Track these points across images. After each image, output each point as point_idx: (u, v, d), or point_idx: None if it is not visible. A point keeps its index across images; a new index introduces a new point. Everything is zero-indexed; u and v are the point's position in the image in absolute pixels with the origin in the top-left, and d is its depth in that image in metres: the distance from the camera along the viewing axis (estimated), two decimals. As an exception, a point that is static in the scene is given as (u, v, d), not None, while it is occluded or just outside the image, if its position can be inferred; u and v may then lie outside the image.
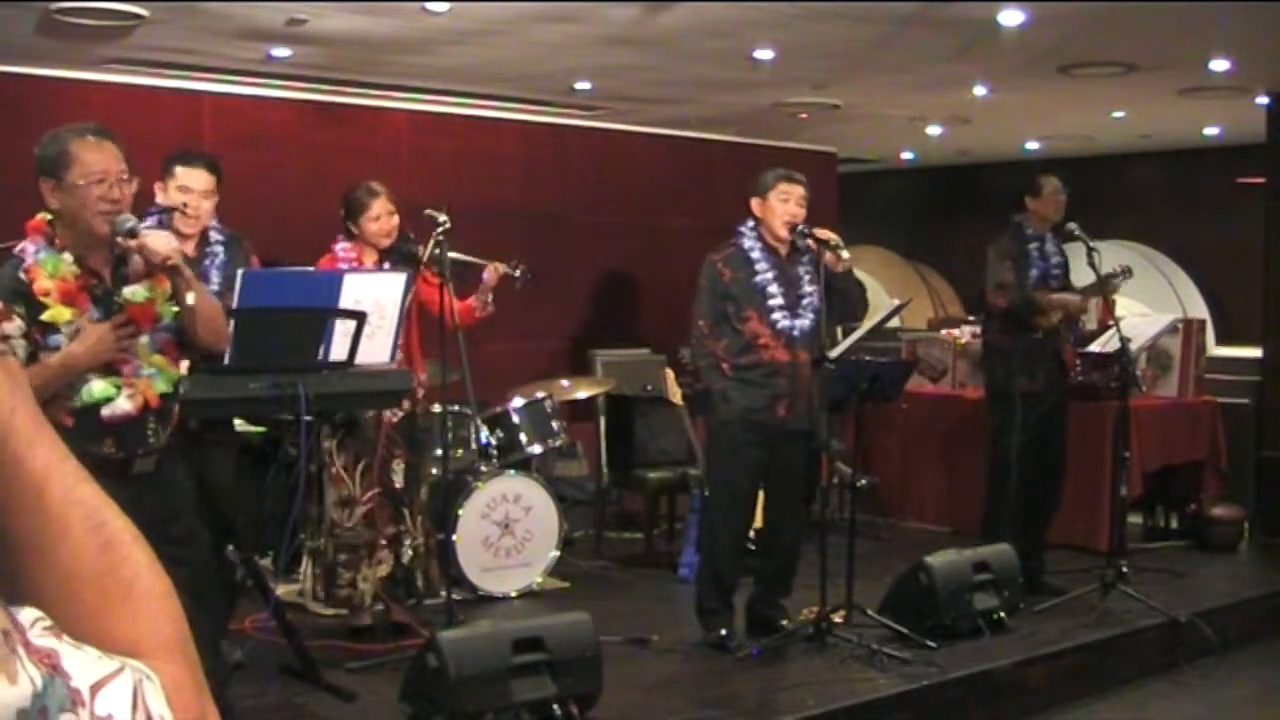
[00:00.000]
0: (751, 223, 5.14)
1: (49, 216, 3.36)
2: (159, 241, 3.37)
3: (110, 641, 0.83)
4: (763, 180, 5.12)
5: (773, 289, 5.03)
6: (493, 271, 5.41)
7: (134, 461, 3.40)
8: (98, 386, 3.30)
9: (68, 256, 3.32)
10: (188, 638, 0.89)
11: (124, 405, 3.33)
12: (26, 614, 0.78)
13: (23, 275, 3.28)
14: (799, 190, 5.07)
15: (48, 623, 0.79)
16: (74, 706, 0.76)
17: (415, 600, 5.24)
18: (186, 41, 6.25)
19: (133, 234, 3.32)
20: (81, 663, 0.78)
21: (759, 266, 5.05)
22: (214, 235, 4.68)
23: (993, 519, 6.10)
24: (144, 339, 3.39)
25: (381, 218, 5.08)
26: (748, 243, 5.10)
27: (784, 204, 5.05)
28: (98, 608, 0.85)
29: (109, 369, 3.33)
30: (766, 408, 5.01)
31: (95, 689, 0.78)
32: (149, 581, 0.88)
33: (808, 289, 5.09)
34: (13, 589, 0.83)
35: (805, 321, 5.05)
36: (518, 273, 5.50)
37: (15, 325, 3.19)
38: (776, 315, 5.01)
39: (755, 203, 5.11)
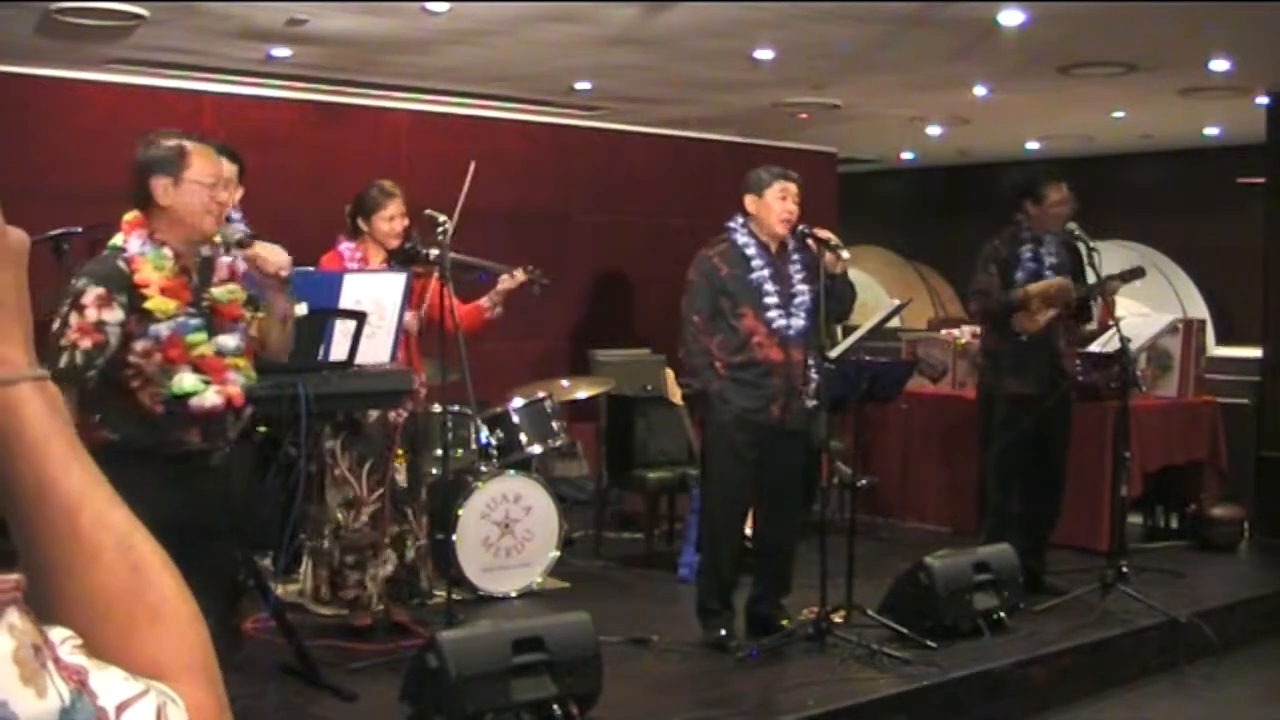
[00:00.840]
0: (741, 219, 5.12)
1: (139, 215, 3.49)
2: (272, 253, 3.60)
3: (136, 663, 0.84)
4: (758, 178, 5.11)
5: (768, 287, 5.02)
6: (513, 278, 5.44)
7: (213, 454, 3.56)
8: (189, 380, 3.43)
9: (168, 251, 3.46)
10: (213, 662, 0.90)
11: (212, 399, 3.46)
12: (57, 632, 0.79)
13: (123, 265, 3.40)
14: (795, 188, 5.07)
15: (78, 641, 0.80)
16: None
17: (420, 600, 5.25)
18: (187, 41, 6.25)
19: (243, 244, 3.56)
20: (107, 682, 0.79)
21: (755, 263, 5.04)
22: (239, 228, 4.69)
23: (987, 523, 6.09)
24: (231, 341, 3.54)
25: (395, 218, 5.11)
26: (741, 239, 5.09)
27: (782, 202, 5.04)
28: (125, 630, 0.86)
29: (196, 367, 3.48)
30: (762, 408, 5.00)
31: (120, 709, 0.79)
32: (176, 605, 0.89)
33: (800, 288, 5.08)
34: (42, 610, 0.84)
35: (799, 321, 5.04)
36: (536, 275, 5.54)
37: (114, 314, 3.33)
38: (772, 313, 5.00)
39: (750, 200, 5.10)
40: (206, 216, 3.47)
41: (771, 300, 5.01)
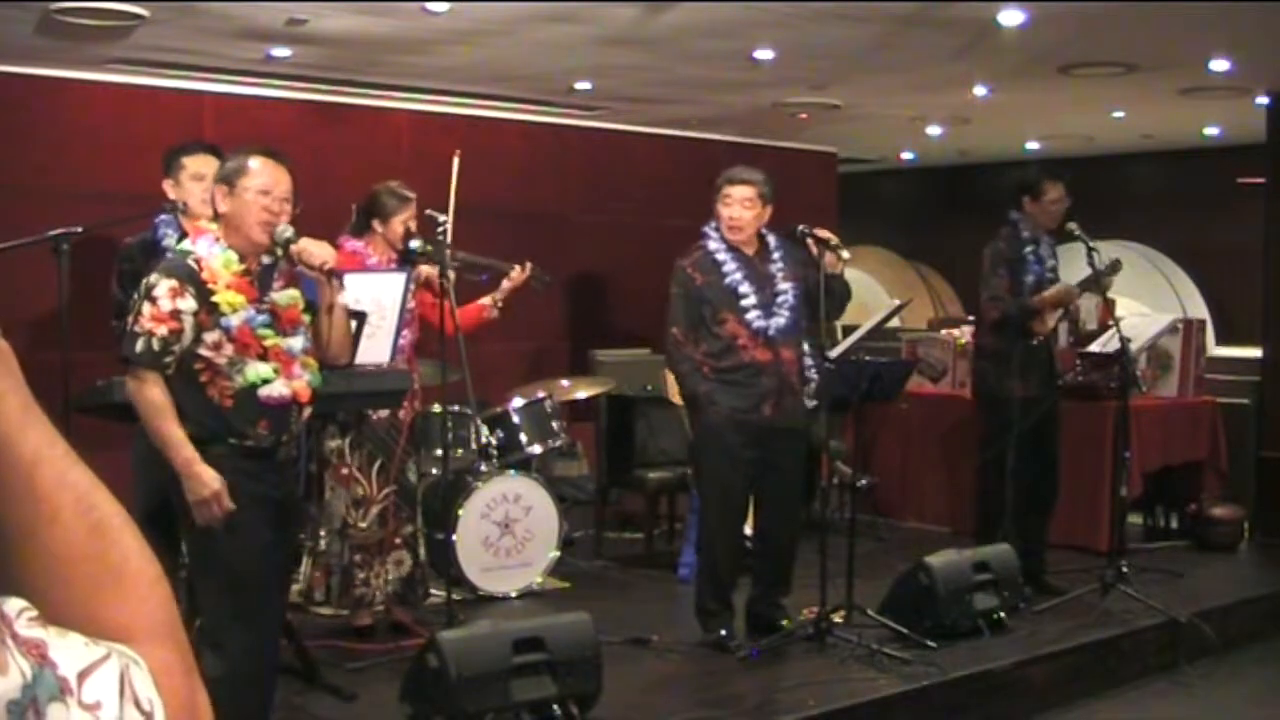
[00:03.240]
0: (714, 224, 5.13)
1: (213, 226, 3.67)
2: (316, 247, 3.71)
3: (101, 626, 0.83)
4: (717, 183, 5.14)
5: (744, 289, 5.00)
6: (519, 273, 5.46)
7: (279, 448, 3.67)
8: (262, 369, 3.58)
9: (233, 253, 3.61)
10: (177, 623, 0.89)
11: (281, 389, 3.61)
12: (12, 604, 0.78)
13: (194, 264, 3.57)
14: (741, 191, 5.04)
15: (34, 613, 0.79)
16: (63, 695, 0.76)
17: (427, 597, 5.27)
18: (186, 41, 6.25)
19: (290, 242, 3.67)
20: (68, 651, 0.78)
21: (726, 268, 5.03)
22: None
23: (986, 523, 6.08)
24: (296, 342, 3.69)
25: (410, 221, 5.13)
26: (712, 245, 5.09)
27: (726, 209, 5.05)
28: (88, 592, 0.85)
29: (265, 358, 3.61)
30: (753, 408, 5.00)
31: (82, 676, 0.78)
32: (139, 566, 0.88)
33: (782, 286, 5.06)
34: (3, 575, 0.83)
35: (781, 320, 5.02)
36: (539, 274, 5.57)
37: (188, 303, 3.51)
38: (751, 315, 4.98)
39: (718, 205, 5.13)
40: (257, 227, 3.62)
41: (749, 302, 4.99)
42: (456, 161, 5.42)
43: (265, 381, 3.58)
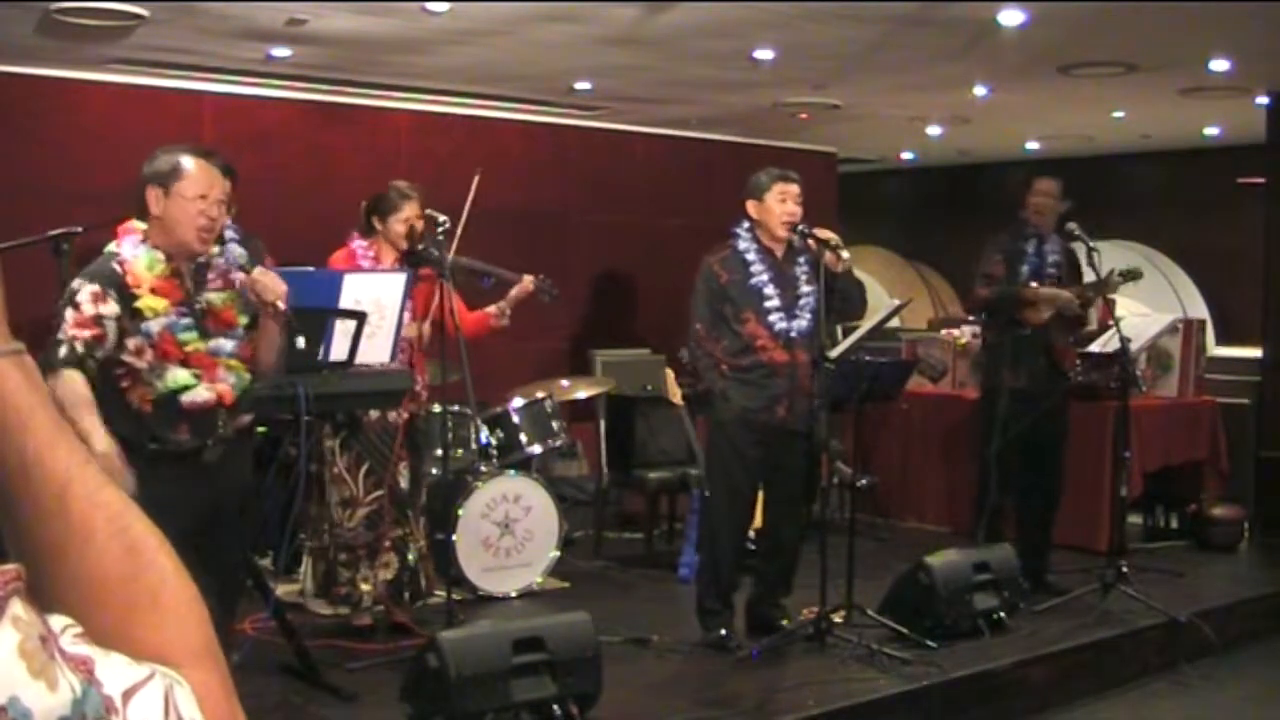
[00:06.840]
0: (747, 224, 5.15)
1: (142, 225, 3.61)
2: (271, 281, 3.65)
3: (138, 648, 0.82)
4: (758, 181, 5.12)
5: (769, 290, 5.04)
6: (524, 287, 5.44)
7: (204, 450, 3.61)
8: (181, 375, 3.52)
9: (160, 254, 3.56)
10: (215, 643, 0.88)
11: (203, 394, 3.56)
12: (56, 621, 0.77)
13: (117, 266, 3.53)
14: (795, 189, 5.09)
15: (78, 629, 0.78)
16: (108, 714, 0.75)
17: (420, 602, 5.25)
18: (186, 41, 6.25)
19: (244, 270, 3.66)
20: (112, 669, 0.77)
21: (755, 268, 5.06)
22: (229, 234, 4.70)
23: (979, 517, 6.10)
24: (227, 344, 3.63)
25: (411, 220, 5.09)
26: (743, 244, 5.11)
27: (782, 204, 5.06)
28: (124, 614, 0.84)
29: (186, 363, 3.55)
30: (766, 408, 5.02)
31: (127, 696, 0.77)
32: (175, 587, 0.86)
33: (805, 289, 5.09)
34: (39, 596, 0.82)
35: (803, 322, 5.06)
36: (546, 285, 5.56)
37: (110, 307, 3.46)
38: (773, 317, 5.02)
39: (752, 204, 5.12)
40: (190, 229, 3.55)
41: (773, 304, 5.02)
42: (476, 180, 5.40)
43: (187, 388, 3.52)
